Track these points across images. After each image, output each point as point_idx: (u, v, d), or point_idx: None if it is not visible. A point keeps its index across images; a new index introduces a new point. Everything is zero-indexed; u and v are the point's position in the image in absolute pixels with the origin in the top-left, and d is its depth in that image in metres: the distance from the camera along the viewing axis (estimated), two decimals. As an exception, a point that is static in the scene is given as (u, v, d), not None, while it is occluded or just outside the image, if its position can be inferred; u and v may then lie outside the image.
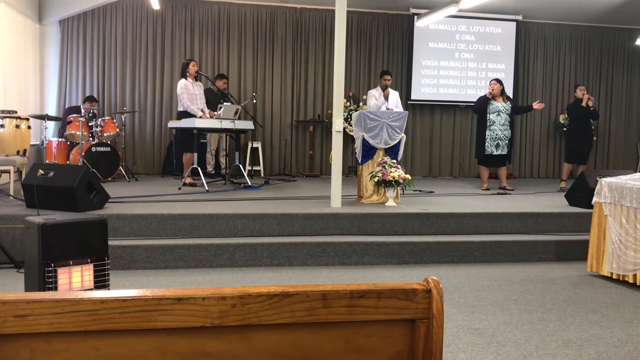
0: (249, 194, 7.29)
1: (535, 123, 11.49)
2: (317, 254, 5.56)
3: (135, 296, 1.36)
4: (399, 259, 5.70)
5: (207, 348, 1.41)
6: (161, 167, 10.15)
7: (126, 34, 9.99)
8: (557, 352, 3.46)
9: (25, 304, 1.31)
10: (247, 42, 10.37)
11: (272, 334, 1.44)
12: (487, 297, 4.58)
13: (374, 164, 6.76)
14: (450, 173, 11.25)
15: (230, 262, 5.41)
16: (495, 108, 8.27)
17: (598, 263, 5.26)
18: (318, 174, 10.59)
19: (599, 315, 4.18)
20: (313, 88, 10.65)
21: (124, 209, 5.79)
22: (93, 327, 1.34)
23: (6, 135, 7.27)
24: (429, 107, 11.09)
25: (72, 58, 9.85)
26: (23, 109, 8.55)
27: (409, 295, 1.49)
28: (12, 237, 5.25)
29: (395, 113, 6.93)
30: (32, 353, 1.34)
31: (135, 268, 5.23)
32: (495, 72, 10.98)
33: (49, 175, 5.73)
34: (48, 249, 3.63)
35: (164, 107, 10.15)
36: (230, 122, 7.68)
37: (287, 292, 1.43)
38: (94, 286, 3.81)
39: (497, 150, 8.31)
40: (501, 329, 3.83)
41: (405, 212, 6.13)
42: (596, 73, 11.65)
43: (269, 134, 10.54)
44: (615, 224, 5.05)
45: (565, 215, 6.46)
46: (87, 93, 9.76)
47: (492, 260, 5.88)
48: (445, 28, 10.89)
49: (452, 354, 3.37)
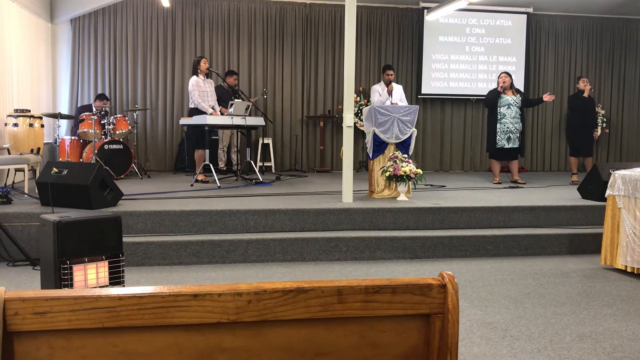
0: (260, 189, 7.31)
1: (547, 116, 11.41)
2: (329, 249, 5.57)
3: (152, 293, 1.37)
4: (411, 253, 5.70)
5: (223, 344, 1.42)
6: (173, 164, 10.20)
7: (137, 32, 10.03)
8: (572, 345, 3.45)
9: (44, 301, 1.33)
10: (257, 38, 10.38)
11: (287, 330, 1.45)
12: (500, 291, 4.57)
13: (385, 159, 6.75)
14: (461, 167, 11.21)
15: (244, 258, 5.43)
16: (506, 101, 8.23)
17: (612, 256, 5.23)
18: (329, 169, 10.59)
19: (613, 309, 4.16)
20: (323, 83, 10.65)
21: (137, 206, 5.83)
22: (111, 323, 1.36)
23: (20, 134, 7.33)
24: (439, 101, 11.05)
25: (84, 56, 9.91)
26: (36, 108, 8.62)
27: (424, 290, 1.49)
28: (27, 235, 5.30)
29: (405, 107, 6.91)
30: (51, 350, 1.36)
31: (150, 264, 5.27)
32: (505, 65, 10.91)
33: (62, 173, 5.78)
34: (63, 247, 3.66)
35: (175, 104, 10.20)
36: (241, 118, 7.70)
37: (302, 287, 1.43)
38: (109, 283, 3.85)
39: (509, 144, 8.27)
40: (515, 323, 3.82)
41: (416, 206, 6.12)
42: (608, 65, 11.54)
43: (279, 130, 10.55)
44: (629, 217, 5.01)
45: (578, 208, 6.42)
46: (99, 91, 9.82)
47: (505, 254, 5.87)
48: (455, 22, 10.84)
49: (466, 348, 3.37)
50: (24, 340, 1.34)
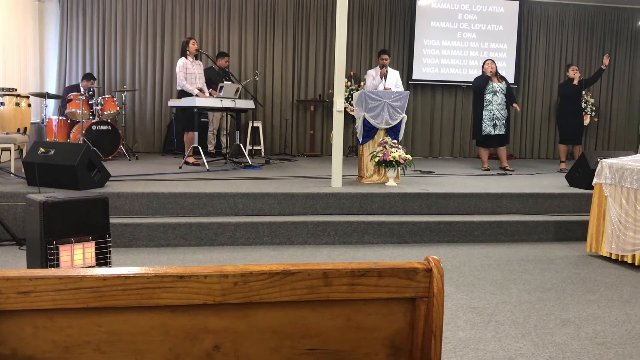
0: (249, 173, 7.29)
1: (536, 103, 11.44)
2: (317, 233, 5.58)
3: (137, 273, 1.36)
4: (399, 238, 5.72)
5: (209, 325, 1.42)
6: (162, 146, 10.14)
7: (126, 12, 9.90)
8: (555, 331, 3.49)
9: (28, 280, 1.32)
10: (247, 20, 10.29)
11: (273, 312, 1.45)
12: (487, 277, 4.61)
13: (374, 144, 6.75)
14: (450, 153, 11.24)
15: (232, 241, 5.43)
16: (492, 88, 8.26)
17: (597, 243, 5.28)
18: (319, 153, 10.57)
19: (597, 295, 4.21)
20: (314, 67, 10.59)
21: (125, 187, 5.80)
22: (95, 304, 1.35)
23: (6, 113, 7.25)
24: (430, 87, 11.04)
25: (72, 35, 9.78)
26: (23, 87, 8.51)
27: (410, 274, 1.49)
28: (13, 215, 5.26)
29: (396, 93, 6.90)
30: (35, 329, 1.35)
31: (137, 246, 5.26)
32: (497, 52, 10.91)
33: (50, 154, 5.73)
34: (50, 227, 3.64)
35: (164, 85, 10.11)
36: (230, 101, 7.65)
37: (289, 270, 1.43)
38: (95, 263, 3.83)
39: (495, 130, 8.30)
40: (500, 308, 3.86)
41: (405, 192, 6.14)
42: (599, 53, 11.56)
43: (269, 114, 10.51)
44: (615, 205, 5.06)
45: (566, 195, 6.47)
46: (87, 71, 9.71)
47: (492, 240, 5.91)
48: (447, 7, 10.80)
49: (451, 332, 3.40)
50: (7, 319, 1.33)
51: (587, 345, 3.28)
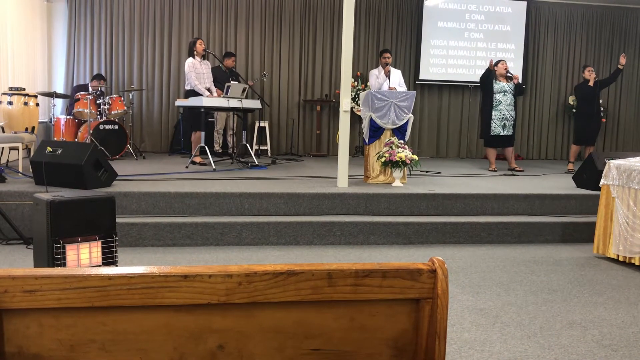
0: (256, 173, 7.30)
1: (544, 104, 11.40)
2: (323, 234, 5.58)
3: (142, 273, 1.37)
4: (405, 239, 5.72)
5: (213, 325, 1.43)
6: (169, 146, 10.17)
7: (134, 12, 9.94)
8: (561, 332, 3.48)
9: (33, 279, 1.32)
10: (254, 20, 10.30)
11: (277, 312, 1.45)
12: (492, 278, 4.59)
13: (381, 144, 6.74)
14: (457, 154, 11.21)
15: (238, 241, 5.44)
16: (501, 88, 8.23)
17: (604, 245, 5.25)
18: (325, 153, 10.58)
19: (604, 297, 4.19)
20: (321, 67, 10.59)
21: (131, 186, 5.82)
22: (100, 303, 1.36)
23: (15, 113, 7.29)
24: (437, 87, 11.02)
25: (80, 35, 9.82)
26: (31, 86, 8.56)
27: (414, 275, 1.49)
28: (21, 214, 5.29)
29: (403, 93, 6.89)
30: (41, 328, 1.36)
31: (143, 245, 5.28)
32: (504, 52, 10.88)
33: (57, 153, 5.76)
34: (56, 226, 3.66)
35: (172, 85, 10.14)
36: (237, 101, 7.67)
37: (293, 270, 1.43)
38: (102, 263, 3.85)
39: (504, 131, 8.28)
40: (506, 310, 3.85)
41: (411, 192, 6.13)
42: (607, 54, 11.51)
43: (276, 113, 10.52)
44: (623, 207, 5.03)
45: (573, 197, 6.44)
46: (95, 71, 9.76)
47: (498, 241, 5.89)
48: (454, 7, 10.78)
49: (457, 334, 3.40)
50: (13, 317, 1.34)
51: (593, 348, 3.27)
